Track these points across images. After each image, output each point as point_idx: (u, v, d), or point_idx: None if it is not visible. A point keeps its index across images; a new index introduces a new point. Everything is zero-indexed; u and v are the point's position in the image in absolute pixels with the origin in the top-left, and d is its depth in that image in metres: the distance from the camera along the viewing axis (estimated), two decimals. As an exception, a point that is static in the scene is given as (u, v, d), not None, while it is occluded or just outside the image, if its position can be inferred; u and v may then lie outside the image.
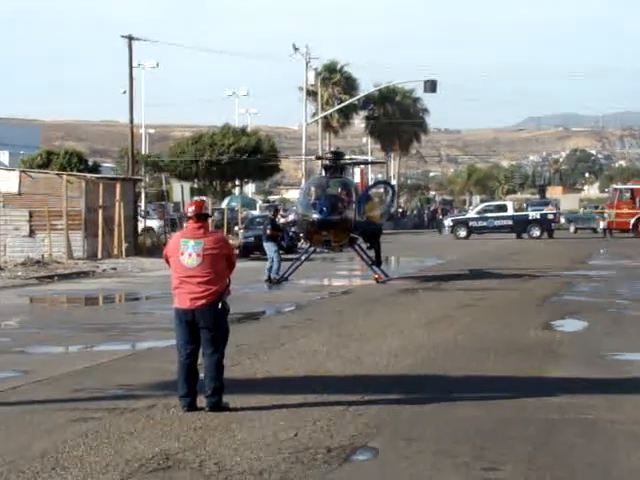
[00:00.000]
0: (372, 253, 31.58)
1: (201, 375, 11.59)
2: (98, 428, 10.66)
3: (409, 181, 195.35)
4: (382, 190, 38.56)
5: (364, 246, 31.97)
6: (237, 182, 78.64)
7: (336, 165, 31.09)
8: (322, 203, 29.20)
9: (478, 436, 10.39)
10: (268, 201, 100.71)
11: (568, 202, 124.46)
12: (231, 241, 46.00)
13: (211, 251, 11.47)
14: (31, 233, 41.47)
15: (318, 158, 35.03)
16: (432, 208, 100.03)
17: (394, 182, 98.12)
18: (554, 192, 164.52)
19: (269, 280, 30.32)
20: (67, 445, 9.96)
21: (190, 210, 11.76)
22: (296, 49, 69.75)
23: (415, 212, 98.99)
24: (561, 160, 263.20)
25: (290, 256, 33.83)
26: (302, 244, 34.49)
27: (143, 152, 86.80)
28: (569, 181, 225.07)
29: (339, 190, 29.97)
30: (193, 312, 11.45)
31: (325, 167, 31.84)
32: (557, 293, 26.38)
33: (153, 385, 13.09)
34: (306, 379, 13.70)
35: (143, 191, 78.08)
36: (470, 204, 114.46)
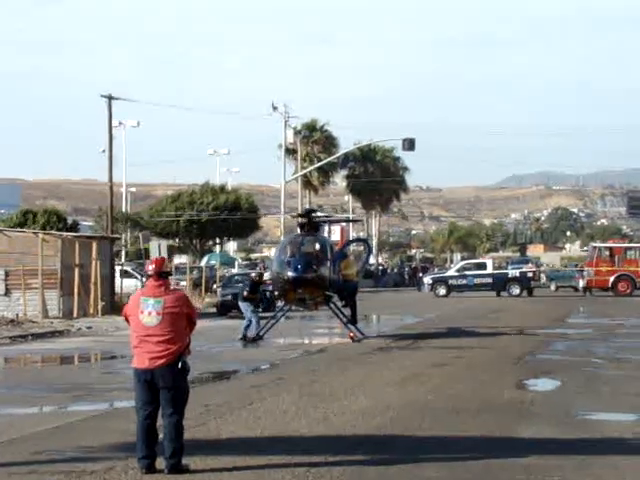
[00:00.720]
0: (348, 311, 31.40)
1: (161, 436, 11.36)
2: (52, 492, 10.42)
3: (391, 239, 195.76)
4: (362, 248, 38.23)
5: (340, 304, 31.77)
6: (217, 240, 78.55)
7: (311, 223, 30.97)
8: (296, 261, 29.08)
9: (441, 498, 10.18)
10: (249, 259, 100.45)
11: (549, 260, 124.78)
12: (207, 299, 44.79)
13: (171, 309, 11.28)
14: (7, 292, 41.16)
15: (294, 216, 34.95)
16: (413, 266, 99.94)
17: (375, 240, 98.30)
18: (536, 250, 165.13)
19: (244, 338, 30.03)
20: (18, 509, 9.72)
21: (150, 268, 11.59)
22: (275, 108, 70.06)
23: (396, 270, 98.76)
24: (543, 218, 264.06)
25: (266, 314, 33.51)
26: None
27: (123, 210, 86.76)
28: (551, 239, 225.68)
29: (313, 248, 29.83)
30: (152, 372, 11.24)
31: (300, 225, 31.72)
32: (533, 352, 26.15)
33: (115, 446, 12.82)
34: (271, 440, 13.46)
35: (124, 250, 78.00)
36: (451, 262, 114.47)
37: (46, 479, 11.06)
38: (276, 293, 30.95)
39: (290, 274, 29.05)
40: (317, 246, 30.00)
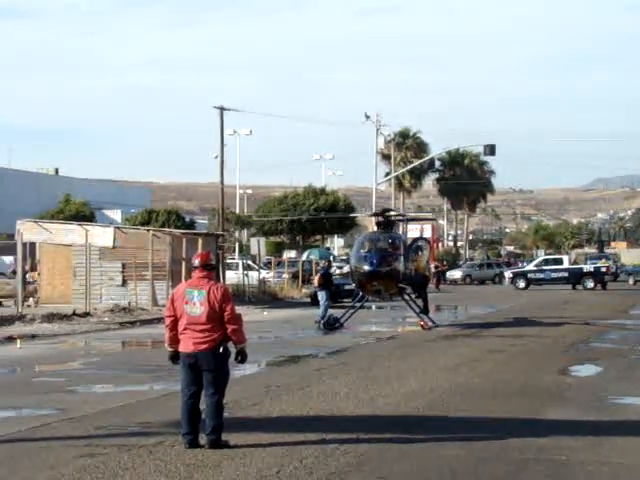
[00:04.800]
0: (421, 302, 31.08)
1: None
2: (99, 464, 10.42)
3: (485, 236, 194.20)
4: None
5: (413, 295, 31.48)
6: (318, 237, 78.77)
7: (386, 221, 30.79)
8: (372, 256, 28.99)
9: (449, 475, 9.96)
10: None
11: (630, 257, 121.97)
12: (304, 290, 44.54)
13: (214, 300, 11.17)
14: (124, 283, 41.73)
15: (371, 215, 34.88)
16: (499, 261, 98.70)
17: (470, 237, 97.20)
18: (618, 247, 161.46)
19: (324, 326, 29.88)
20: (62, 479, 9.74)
21: (196, 261, 11.51)
22: (367, 117, 69.80)
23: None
24: (627, 218, 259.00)
25: (347, 304, 33.32)
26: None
27: (237, 211, 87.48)
28: (633, 237, 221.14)
29: (388, 244, 29.63)
30: (196, 356, 11.17)
31: (377, 223, 31.57)
32: (586, 340, 25.54)
33: (171, 423, 12.73)
34: (315, 418, 13.33)
35: (237, 245, 78.66)
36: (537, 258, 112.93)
37: (100, 452, 11.06)
38: (354, 285, 30.88)
39: (366, 268, 28.97)
40: (391, 242, 29.79)
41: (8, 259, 61.03)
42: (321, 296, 30.98)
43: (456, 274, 76.87)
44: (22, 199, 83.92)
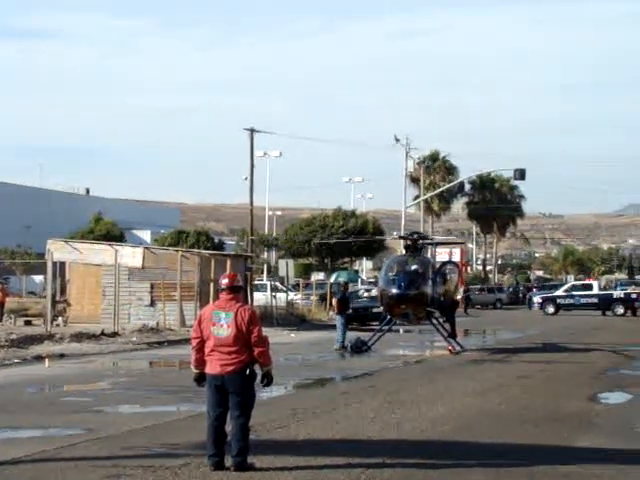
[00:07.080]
0: (449, 326, 30.98)
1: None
2: (124, 484, 10.43)
3: (514, 261, 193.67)
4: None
5: (442, 319, 31.39)
6: (346, 259, 78.73)
7: (415, 245, 30.76)
8: (400, 279, 28.96)
9: (475, 502, 9.87)
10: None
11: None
12: (332, 312, 44.50)
13: (241, 322, 11.16)
14: (152, 303, 41.87)
15: (400, 238, 34.93)
16: (529, 286, 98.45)
17: (499, 261, 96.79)
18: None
19: (352, 349, 29.81)
20: (87, 499, 9.75)
21: (223, 283, 11.49)
22: (397, 140, 69.98)
23: (511, 289, 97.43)
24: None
25: (375, 327, 33.26)
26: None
27: (266, 232, 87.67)
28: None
29: (416, 267, 29.58)
30: (222, 377, 11.16)
31: (405, 247, 31.57)
32: (617, 367, 25.36)
33: (196, 445, 12.72)
34: (340, 442, 13.28)
35: (265, 267, 78.81)
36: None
37: (126, 472, 11.06)
38: (382, 308, 30.86)
39: (394, 291, 28.95)
40: (420, 266, 29.75)
41: (38, 278, 61.46)
42: (338, 321, 30.92)
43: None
44: (53, 219, 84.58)
